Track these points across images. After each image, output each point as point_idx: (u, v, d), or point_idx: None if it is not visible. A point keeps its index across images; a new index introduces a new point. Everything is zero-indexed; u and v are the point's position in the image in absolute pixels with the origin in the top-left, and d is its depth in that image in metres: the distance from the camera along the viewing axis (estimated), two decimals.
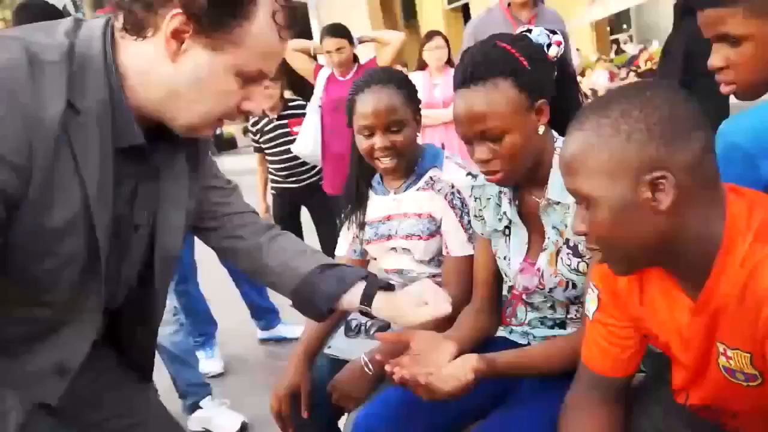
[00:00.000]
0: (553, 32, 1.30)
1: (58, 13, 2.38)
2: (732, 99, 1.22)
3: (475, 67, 1.19)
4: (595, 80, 12.80)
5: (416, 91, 1.61)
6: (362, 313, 1.20)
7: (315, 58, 3.65)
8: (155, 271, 1.07)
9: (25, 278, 0.86)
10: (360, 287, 1.18)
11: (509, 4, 2.94)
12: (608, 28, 18.69)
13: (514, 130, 1.19)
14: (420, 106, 1.62)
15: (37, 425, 0.89)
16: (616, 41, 17.91)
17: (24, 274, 0.85)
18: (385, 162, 1.55)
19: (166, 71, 0.85)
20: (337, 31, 3.32)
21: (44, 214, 0.81)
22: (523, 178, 1.30)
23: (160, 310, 1.17)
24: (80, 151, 0.82)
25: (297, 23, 0.92)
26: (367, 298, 1.17)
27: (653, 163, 0.81)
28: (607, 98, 0.88)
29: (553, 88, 1.27)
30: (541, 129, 1.24)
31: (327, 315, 1.21)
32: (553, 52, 1.28)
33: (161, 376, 2.49)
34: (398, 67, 3.61)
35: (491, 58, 1.19)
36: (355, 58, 3.45)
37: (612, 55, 16.22)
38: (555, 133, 1.32)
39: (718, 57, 1.10)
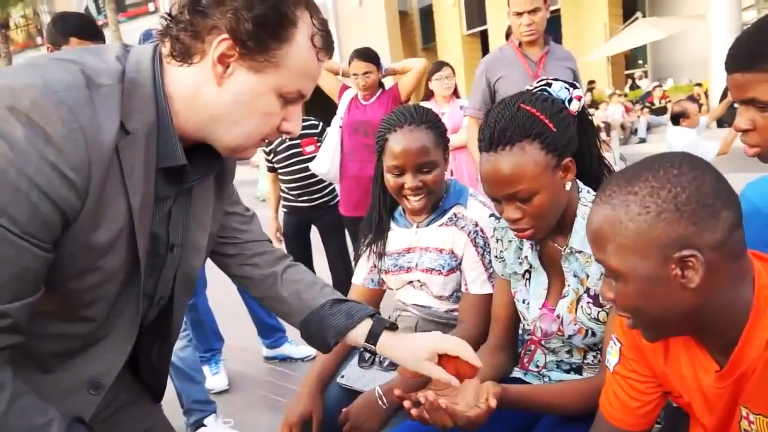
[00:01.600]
0: (573, 86, 1.31)
1: (92, 23, 2.42)
2: None
3: (502, 132, 1.19)
4: (609, 114, 12.90)
5: (446, 131, 1.62)
6: (366, 350, 1.23)
7: (342, 75, 3.68)
8: (175, 290, 1.09)
9: (67, 293, 0.88)
10: (367, 325, 1.20)
11: (520, 44, 2.93)
12: (624, 63, 18.82)
13: (543, 191, 1.20)
14: None
15: None
16: (631, 76, 18.05)
17: (66, 290, 0.87)
18: (413, 201, 1.56)
19: (212, 94, 0.88)
20: (366, 55, 3.35)
21: (93, 231, 0.83)
22: None
23: (177, 331, 1.18)
24: (128, 171, 0.85)
25: (332, 47, 0.96)
26: (372, 337, 1.19)
27: (682, 241, 0.82)
28: (634, 172, 0.87)
29: (576, 143, 1.28)
30: (568, 185, 1.25)
31: (332, 347, 1.24)
32: (574, 107, 1.29)
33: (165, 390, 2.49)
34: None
35: (517, 122, 1.20)
36: (381, 84, 3.49)
37: (626, 89, 16.34)
38: (579, 183, 1.33)
39: (743, 120, 1.11)
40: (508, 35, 3.51)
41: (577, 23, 16.99)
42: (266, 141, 0.98)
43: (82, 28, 2.28)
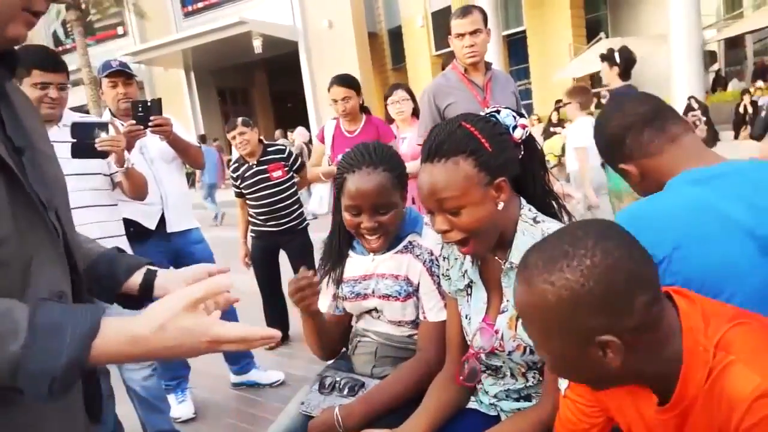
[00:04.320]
0: (521, 115, 1.36)
1: (54, 55, 2.40)
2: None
3: (439, 145, 1.27)
4: (577, 130, 13.14)
5: (405, 168, 1.64)
6: (141, 290, 1.18)
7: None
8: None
9: None
10: (145, 268, 1.21)
11: (465, 70, 2.99)
12: (590, 82, 19.24)
13: (471, 205, 1.25)
14: None
15: (49, 308, 0.83)
16: (597, 95, 18.45)
17: None
18: (371, 240, 1.59)
19: None
20: (345, 80, 3.42)
21: None
22: None
23: (77, 250, 1.10)
24: None
25: None
26: (150, 272, 1.20)
27: (600, 329, 0.85)
28: (550, 256, 0.88)
29: (516, 167, 1.33)
30: (501, 205, 1.28)
31: (122, 285, 1.19)
32: (517, 134, 1.34)
33: (130, 420, 2.45)
34: None
35: (454, 138, 1.27)
36: (364, 110, 3.51)
37: (593, 108, 16.69)
38: (523, 200, 1.37)
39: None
40: (444, 66, 3.57)
41: (543, 43, 17.38)
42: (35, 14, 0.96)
43: (44, 59, 2.26)
